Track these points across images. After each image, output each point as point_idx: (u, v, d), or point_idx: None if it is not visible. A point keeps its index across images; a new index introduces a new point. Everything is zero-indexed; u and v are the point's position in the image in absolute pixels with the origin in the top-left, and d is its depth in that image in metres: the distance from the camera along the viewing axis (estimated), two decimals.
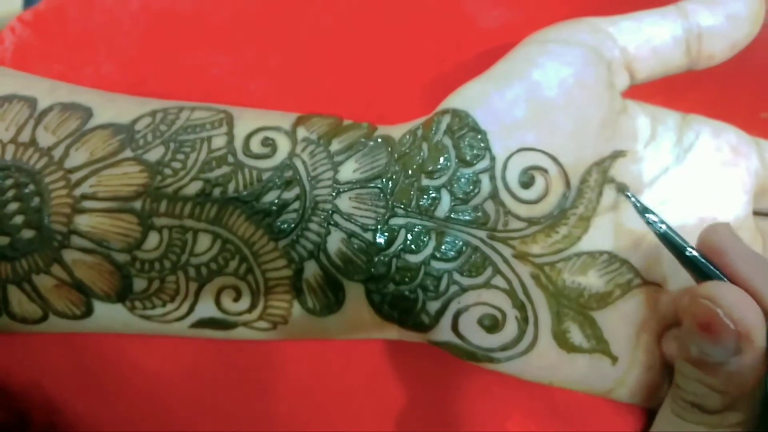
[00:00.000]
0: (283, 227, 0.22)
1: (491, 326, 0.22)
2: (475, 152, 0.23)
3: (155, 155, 0.22)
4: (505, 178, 0.23)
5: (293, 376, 0.26)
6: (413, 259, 0.22)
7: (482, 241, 0.22)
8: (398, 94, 0.28)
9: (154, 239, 0.22)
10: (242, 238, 0.22)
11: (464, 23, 0.29)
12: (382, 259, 0.22)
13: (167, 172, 0.22)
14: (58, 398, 0.25)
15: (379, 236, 0.22)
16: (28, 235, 0.22)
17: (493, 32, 0.28)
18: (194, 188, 0.22)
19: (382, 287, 0.22)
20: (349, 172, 0.23)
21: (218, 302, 0.23)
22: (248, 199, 0.22)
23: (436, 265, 0.22)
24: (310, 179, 0.23)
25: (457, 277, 0.22)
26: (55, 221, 0.22)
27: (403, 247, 0.22)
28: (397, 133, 0.24)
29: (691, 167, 0.24)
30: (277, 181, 0.22)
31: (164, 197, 0.22)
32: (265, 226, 0.22)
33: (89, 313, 0.23)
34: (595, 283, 0.23)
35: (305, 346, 0.26)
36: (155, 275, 0.22)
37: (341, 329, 0.24)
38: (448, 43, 0.28)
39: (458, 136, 0.23)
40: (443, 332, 0.23)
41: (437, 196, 0.23)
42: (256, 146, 0.23)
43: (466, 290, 0.22)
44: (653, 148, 0.24)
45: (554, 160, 0.23)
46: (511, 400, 0.26)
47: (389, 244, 0.22)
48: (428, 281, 0.22)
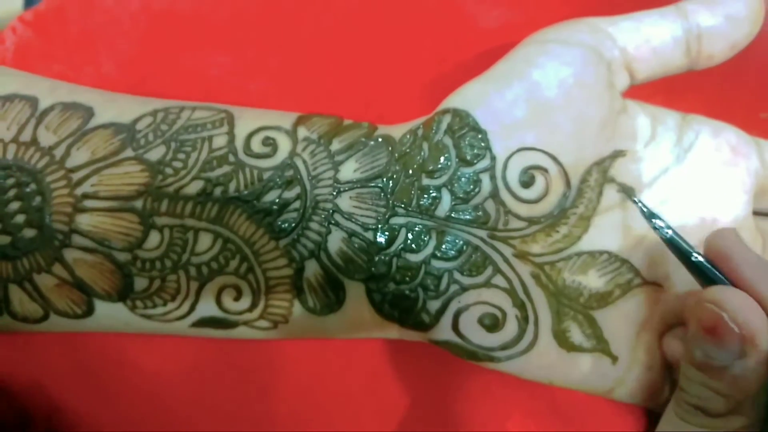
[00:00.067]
0: (283, 226, 0.22)
1: (491, 325, 0.22)
2: (475, 152, 0.23)
3: (156, 155, 0.22)
4: (505, 177, 0.23)
5: (293, 375, 0.26)
6: (414, 258, 0.22)
7: (483, 240, 0.23)
8: (398, 94, 0.28)
9: (155, 238, 0.22)
10: (243, 237, 0.22)
11: (464, 23, 0.29)
12: (382, 258, 0.22)
13: (168, 171, 0.22)
14: (58, 397, 0.25)
15: (379, 235, 0.22)
16: (29, 234, 0.22)
17: (493, 32, 0.28)
18: (195, 187, 0.22)
19: (382, 286, 0.22)
20: (349, 171, 0.23)
21: (219, 301, 0.23)
22: (249, 198, 0.22)
23: (436, 264, 0.22)
24: (310, 178, 0.23)
25: (457, 276, 0.22)
26: (56, 220, 0.22)
27: (403, 246, 0.22)
28: (397, 132, 0.24)
29: (690, 167, 0.24)
30: (277, 180, 0.22)
31: (165, 196, 0.22)
32: (265, 225, 0.22)
33: (90, 312, 0.23)
34: (595, 282, 0.23)
35: (305, 345, 0.26)
36: (156, 274, 0.22)
37: (342, 328, 0.24)
38: (448, 43, 0.28)
39: (459, 135, 0.23)
40: (443, 331, 0.23)
41: (438, 195, 0.23)
42: (256, 146, 0.23)
43: (466, 289, 0.22)
44: (653, 147, 0.24)
45: (554, 159, 0.23)
46: (511, 399, 0.26)
47: (390, 243, 0.22)
48: (429, 280, 0.22)
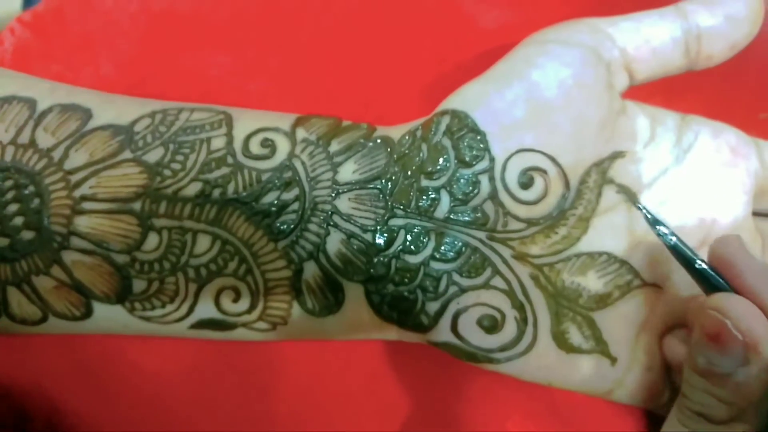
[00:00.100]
0: (282, 228, 0.22)
1: (490, 327, 0.22)
2: (474, 153, 0.23)
3: (155, 156, 0.22)
4: (504, 179, 0.23)
5: (293, 376, 0.26)
6: (413, 259, 0.22)
7: (481, 241, 0.22)
8: (397, 94, 0.28)
9: (153, 240, 0.22)
10: (242, 239, 0.22)
11: (464, 24, 0.29)
12: (381, 259, 0.22)
13: (167, 173, 0.22)
14: (58, 398, 0.25)
15: (378, 237, 0.22)
16: (27, 236, 0.22)
17: (492, 33, 0.28)
18: (194, 189, 0.22)
19: (381, 288, 0.22)
20: (348, 172, 0.23)
21: (218, 303, 0.23)
22: (248, 200, 0.22)
23: (435, 265, 0.22)
24: (309, 180, 0.23)
25: (456, 277, 0.22)
26: (54, 222, 0.22)
27: (402, 247, 0.22)
28: (396, 133, 0.24)
29: (690, 168, 0.24)
30: (276, 182, 0.22)
31: (164, 198, 0.22)
32: (264, 227, 0.22)
33: (89, 314, 0.23)
34: (594, 283, 0.23)
35: (304, 346, 0.26)
36: (155, 276, 0.22)
37: (341, 330, 0.24)
38: (447, 43, 0.28)
39: (458, 137, 0.23)
40: (442, 333, 0.23)
41: (437, 196, 0.23)
42: (255, 147, 0.23)
43: (465, 291, 0.22)
44: (652, 148, 0.24)
45: (553, 160, 0.23)
46: (510, 400, 0.26)
47: (389, 244, 0.22)
48: (427, 282, 0.22)
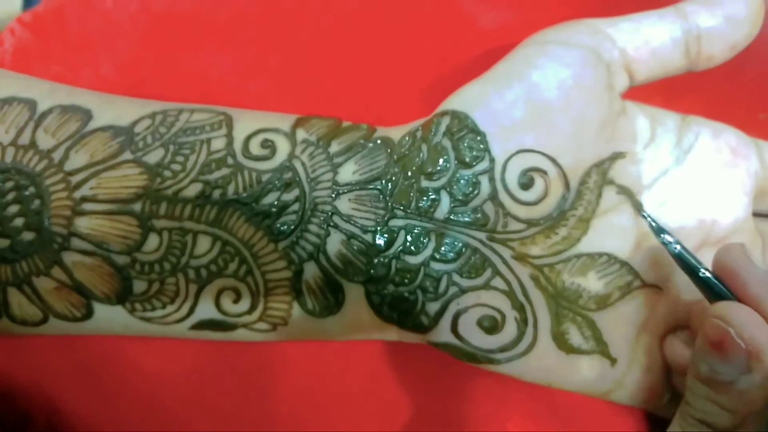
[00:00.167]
0: (282, 229, 0.22)
1: (490, 327, 0.22)
2: (474, 154, 0.23)
3: (155, 157, 0.22)
4: (504, 179, 0.23)
5: (293, 376, 0.26)
6: (413, 260, 0.22)
7: (482, 242, 0.23)
8: (397, 95, 0.28)
9: (153, 241, 0.22)
10: (242, 239, 0.22)
11: (463, 24, 0.29)
12: (381, 260, 0.22)
13: (167, 174, 0.22)
14: (58, 399, 0.25)
15: (378, 238, 0.22)
16: (28, 237, 0.22)
17: (492, 33, 0.28)
18: (194, 190, 0.22)
19: (381, 288, 0.22)
20: (348, 173, 0.23)
21: (218, 304, 0.23)
22: (248, 200, 0.22)
23: (435, 266, 0.22)
24: (309, 181, 0.23)
25: (456, 278, 0.22)
26: (55, 223, 0.22)
27: (402, 248, 0.22)
28: (396, 134, 0.24)
29: (690, 169, 0.24)
30: (276, 182, 0.22)
31: (164, 199, 0.22)
32: (264, 227, 0.22)
33: (89, 315, 0.23)
34: (594, 284, 0.23)
35: (305, 347, 0.26)
36: (155, 277, 0.22)
37: (341, 330, 0.24)
38: (447, 44, 0.28)
39: (458, 137, 0.23)
40: (443, 333, 0.23)
41: (437, 197, 0.23)
42: (255, 148, 0.23)
43: (465, 291, 0.22)
44: (653, 149, 0.24)
45: (553, 161, 0.23)
46: (510, 401, 0.26)
47: (389, 245, 0.22)
48: (428, 282, 0.22)
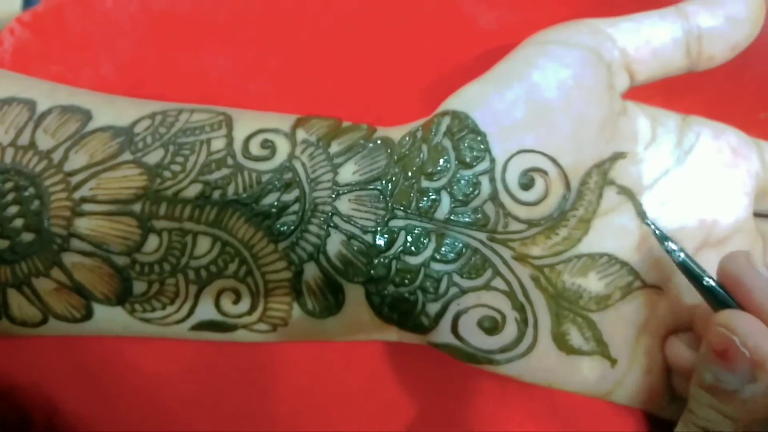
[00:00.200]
0: (282, 229, 0.22)
1: (491, 328, 0.22)
2: (474, 154, 0.23)
3: (155, 158, 0.22)
4: (504, 179, 0.23)
5: (293, 377, 0.26)
6: (413, 260, 0.22)
7: (482, 242, 0.22)
8: (397, 96, 0.28)
9: (153, 242, 0.22)
10: (242, 240, 0.22)
11: (463, 25, 0.29)
12: (381, 261, 0.22)
13: (167, 174, 0.22)
14: (58, 399, 0.25)
15: (378, 238, 0.22)
16: (27, 238, 0.22)
17: (492, 34, 0.28)
18: (194, 191, 0.22)
19: (381, 289, 0.22)
20: (348, 173, 0.23)
21: (218, 304, 0.23)
22: (248, 201, 0.22)
23: (435, 266, 0.22)
24: (309, 181, 0.23)
25: (456, 278, 0.22)
26: (54, 224, 0.22)
27: (402, 248, 0.22)
28: (396, 134, 0.24)
29: (691, 169, 0.24)
30: (276, 183, 0.22)
31: (164, 200, 0.22)
32: (264, 228, 0.22)
33: (89, 316, 0.23)
34: (595, 285, 0.23)
35: (305, 347, 0.26)
36: (155, 278, 0.22)
37: (341, 331, 0.24)
38: (447, 44, 0.28)
39: (458, 137, 0.23)
40: (443, 334, 0.23)
41: (437, 197, 0.23)
42: (255, 148, 0.23)
43: (465, 292, 0.22)
44: (653, 149, 0.24)
45: (554, 161, 0.23)
46: (510, 402, 0.26)
47: (389, 245, 0.22)
48: (428, 283, 0.22)
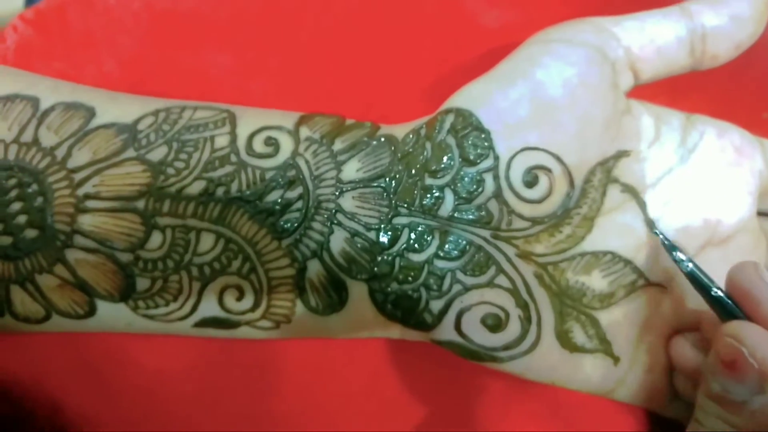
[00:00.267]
0: (286, 226, 0.22)
1: (494, 325, 0.22)
2: (478, 151, 0.23)
3: (158, 155, 0.22)
4: (508, 177, 0.23)
5: (295, 374, 0.26)
6: (416, 258, 0.22)
7: (486, 240, 0.22)
8: (400, 94, 0.28)
9: (157, 239, 0.22)
10: (245, 237, 0.22)
11: (466, 23, 0.29)
12: (385, 258, 0.22)
13: (170, 171, 0.22)
14: (60, 396, 0.25)
15: (382, 235, 0.22)
16: (31, 234, 0.22)
17: (495, 32, 0.28)
18: (197, 188, 0.22)
19: (385, 286, 0.22)
20: (352, 171, 0.23)
21: (221, 301, 0.23)
22: (251, 198, 0.22)
23: (439, 264, 0.22)
24: (313, 178, 0.23)
25: (460, 276, 0.22)
26: (58, 221, 0.22)
27: (406, 246, 0.22)
28: (400, 132, 0.24)
29: (695, 168, 0.24)
30: (280, 180, 0.22)
31: (167, 197, 0.22)
32: (268, 225, 0.22)
33: (92, 312, 0.23)
34: (598, 283, 0.23)
35: (307, 344, 0.26)
36: (158, 275, 0.22)
37: (344, 328, 0.24)
38: (450, 43, 0.28)
39: (462, 135, 0.23)
40: (446, 331, 0.23)
41: (441, 195, 0.23)
42: (259, 145, 0.23)
43: (469, 289, 0.22)
44: (657, 148, 0.24)
45: (558, 159, 0.23)
46: (513, 399, 0.26)
47: (392, 243, 0.22)
48: (431, 280, 0.22)
